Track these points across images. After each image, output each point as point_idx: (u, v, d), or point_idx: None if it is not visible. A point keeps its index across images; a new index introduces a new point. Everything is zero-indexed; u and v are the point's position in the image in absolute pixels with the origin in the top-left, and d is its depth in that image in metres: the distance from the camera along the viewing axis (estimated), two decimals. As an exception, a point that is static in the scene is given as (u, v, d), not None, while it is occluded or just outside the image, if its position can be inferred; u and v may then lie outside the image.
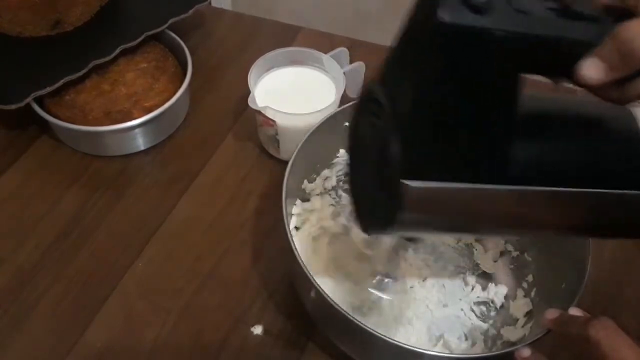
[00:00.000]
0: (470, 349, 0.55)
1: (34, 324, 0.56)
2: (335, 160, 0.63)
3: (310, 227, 0.61)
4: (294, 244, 0.48)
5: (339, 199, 0.65)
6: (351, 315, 0.45)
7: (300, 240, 0.59)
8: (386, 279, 0.59)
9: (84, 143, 0.69)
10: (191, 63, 0.71)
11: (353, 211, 0.41)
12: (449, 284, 0.59)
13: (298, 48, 0.69)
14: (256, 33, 0.85)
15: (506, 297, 0.58)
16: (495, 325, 0.57)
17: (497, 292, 0.58)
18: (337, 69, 0.67)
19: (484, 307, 0.58)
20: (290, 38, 0.83)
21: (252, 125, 0.70)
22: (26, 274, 0.60)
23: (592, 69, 0.31)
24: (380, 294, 0.58)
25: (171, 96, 0.68)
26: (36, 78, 0.64)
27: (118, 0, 0.73)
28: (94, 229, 0.63)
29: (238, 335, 0.56)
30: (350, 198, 0.41)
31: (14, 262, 0.60)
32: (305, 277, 0.47)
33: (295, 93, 0.67)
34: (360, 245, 0.58)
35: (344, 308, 0.50)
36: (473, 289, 0.59)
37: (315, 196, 0.62)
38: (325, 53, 0.67)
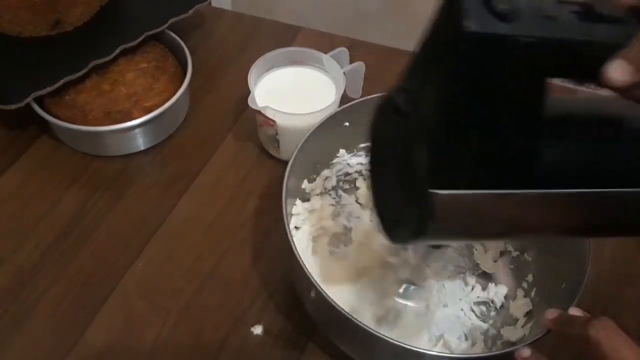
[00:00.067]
0: (470, 349, 0.55)
1: (34, 324, 0.56)
2: (335, 160, 0.63)
3: (310, 227, 0.61)
4: (294, 244, 0.48)
5: (339, 199, 0.65)
6: (351, 315, 0.45)
7: (300, 240, 0.59)
8: (412, 287, 0.58)
9: (84, 143, 0.69)
10: (191, 63, 0.71)
11: (378, 221, 0.40)
12: (449, 284, 0.59)
13: (298, 48, 0.69)
14: (256, 33, 0.85)
15: (506, 297, 0.58)
16: (495, 325, 0.57)
17: (497, 292, 0.58)
18: (337, 69, 0.67)
19: (484, 307, 0.58)
20: (290, 38, 0.83)
21: (252, 125, 0.70)
22: (26, 274, 0.60)
23: (619, 71, 0.31)
24: (406, 302, 0.57)
25: (171, 96, 0.68)
26: (36, 78, 0.64)
27: (118, 0, 0.73)
28: (94, 229, 0.63)
29: (238, 335, 0.56)
30: (374, 208, 0.41)
31: (14, 262, 0.60)
32: (305, 277, 0.47)
33: (295, 93, 0.67)
34: (384, 254, 0.58)
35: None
36: (473, 289, 0.59)
37: (315, 196, 0.62)
38: (325, 53, 0.67)
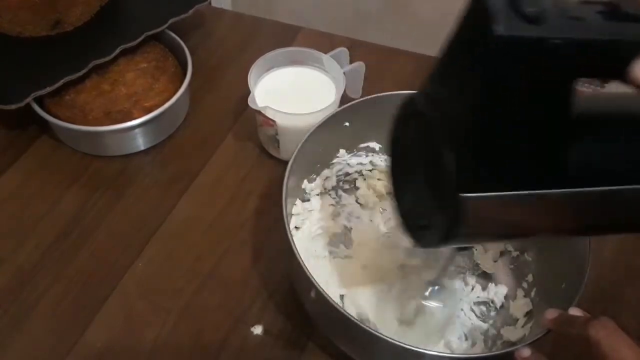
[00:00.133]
0: (470, 349, 0.55)
1: (34, 324, 0.56)
2: (335, 160, 0.63)
3: (310, 227, 0.61)
4: (294, 244, 0.48)
5: (339, 199, 0.65)
6: (351, 315, 0.45)
7: (300, 240, 0.59)
8: (436, 287, 0.58)
9: (84, 143, 0.69)
10: (191, 63, 0.71)
11: (402, 225, 0.40)
12: (449, 284, 0.60)
13: (298, 48, 0.69)
14: (256, 33, 0.85)
15: (506, 297, 0.58)
16: (495, 325, 0.57)
17: (497, 292, 0.58)
18: (337, 69, 0.67)
19: (484, 307, 0.58)
20: (290, 38, 0.83)
21: (252, 125, 0.70)
22: (26, 274, 0.60)
23: None
24: (433, 304, 0.57)
25: (171, 96, 0.68)
26: (36, 78, 0.64)
27: (118, 0, 0.73)
28: (94, 229, 0.63)
29: (238, 335, 0.56)
30: (396, 212, 0.41)
31: (14, 262, 0.60)
32: (305, 277, 0.47)
33: (295, 93, 0.67)
34: (403, 257, 0.58)
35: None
36: (473, 289, 0.59)
37: (315, 196, 0.62)
38: (325, 53, 0.67)
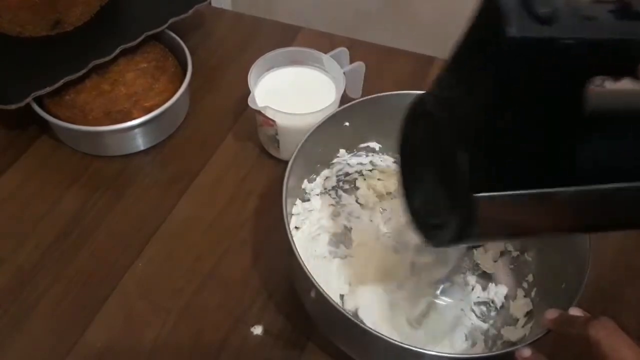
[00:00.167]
0: (470, 349, 0.55)
1: (34, 324, 0.56)
2: (335, 160, 0.63)
3: (310, 227, 0.61)
4: (294, 244, 0.48)
5: (339, 199, 0.65)
6: (351, 315, 0.45)
7: (300, 240, 0.59)
8: (447, 284, 0.58)
9: (84, 143, 0.69)
10: (191, 63, 0.71)
11: (413, 224, 0.40)
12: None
13: (298, 48, 0.69)
14: (256, 33, 0.85)
15: (506, 297, 0.58)
16: (495, 325, 0.57)
17: (497, 292, 0.58)
18: (337, 69, 0.67)
19: (484, 307, 0.58)
20: (290, 38, 0.83)
21: (252, 125, 0.70)
22: (26, 274, 0.60)
23: None
24: (445, 300, 0.57)
25: (171, 96, 0.68)
26: (36, 78, 0.64)
27: (118, 0, 0.73)
28: (94, 229, 0.63)
29: (238, 335, 0.56)
30: (407, 211, 0.41)
31: (14, 262, 0.60)
32: (305, 277, 0.47)
33: (295, 93, 0.67)
34: (415, 257, 0.58)
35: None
36: (473, 289, 0.59)
37: (315, 196, 0.62)
38: (325, 53, 0.67)
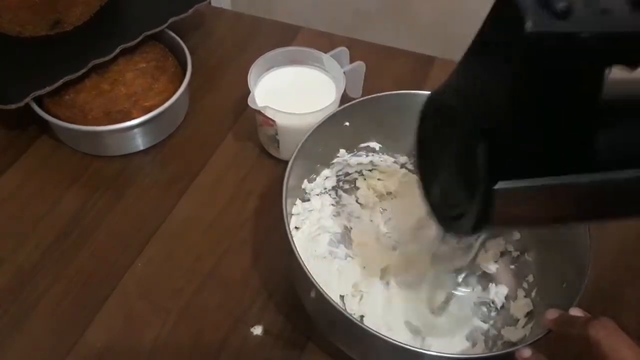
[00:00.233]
0: (470, 349, 0.55)
1: (34, 324, 0.56)
2: (335, 160, 0.62)
3: (310, 227, 0.61)
4: (294, 244, 0.48)
5: (339, 198, 0.65)
6: (351, 315, 0.45)
7: (300, 240, 0.59)
8: (465, 273, 0.58)
9: (84, 143, 0.69)
10: (191, 63, 0.71)
11: (433, 217, 0.41)
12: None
13: (298, 48, 0.69)
14: (256, 33, 0.85)
15: (507, 298, 0.58)
16: (495, 325, 0.57)
17: (498, 293, 0.58)
18: (337, 69, 0.67)
19: (485, 308, 0.58)
20: (290, 38, 0.83)
21: (252, 125, 0.70)
22: (26, 274, 0.60)
23: None
24: (464, 290, 0.58)
25: (171, 96, 0.68)
26: (36, 78, 0.64)
27: (118, 0, 0.73)
28: (94, 229, 0.63)
29: (238, 335, 0.56)
30: (426, 203, 0.41)
31: (14, 262, 0.60)
32: (305, 277, 0.47)
33: (295, 93, 0.67)
34: (435, 248, 0.57)
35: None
36: (474, 289, 0.59)
37: (315, 196, 0.62)
38: (325, 53, 0.67)
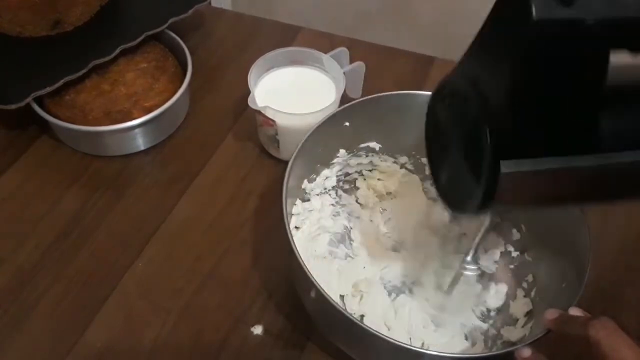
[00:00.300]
0: (470, 348, 0.55)
1: (34, 324, 0.56)
2: (335, 160, 0.62)
3: (310, 227, 0.61)
4: (294, 243, 0.48)
5: (339, 198, 0.65)
6: (351, 315, 0.45)
7: (300, 240, 0.59)
8: (473, 254, 0.58)
9: (84, 143, 0.69)
10: (191, 63, 0.71)
11: (441, 199, 0.42)
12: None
13: (298, 48, 0.69)
14: (256, 33, 0.85)
15: (506, 297, 0.58)
16: (495, 325, 0.57)
17: (498, 292, 0.58)
18: (337, 69, 0.67)
19: (484, 307, 0.58)
20: (290, 38, 0.83)
21: (252, 125, 0.70)
22: (26, 274, 0.60)
23: None
24: (472, 270, 0.57)
25: (171, 96, 0.68)
26: (36, 78, 0.64)
27: (118, 0, 0.73)
28: (94, 229, 0.63)
29: (238, 335, 0.56)
30: (435, 188, 0.43)
31: (14, 262, 0.60)
32: (305, 277, 0.47)
33: (295, 93, 0.67)
34: (444, 231, 0.59)
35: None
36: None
37: (315, 196, 0.62)
38: (325, 53, 0.67)
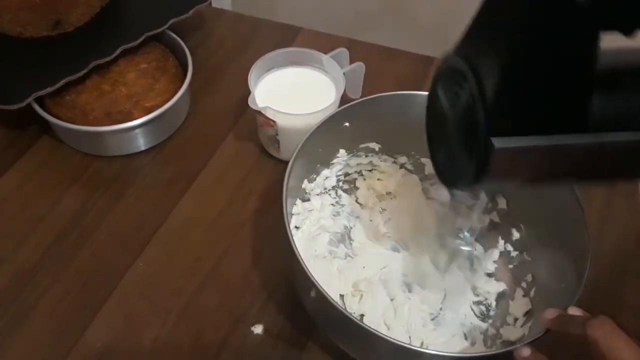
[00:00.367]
0: (469, 348, 0.55)
1: (34, 324, 0.57)
2: (335, 160, 0.63)
3: (310, 227, 0.61)
4: (294, 243, 0.48)
5: (339, 198, 0.65)
6: (351, 315, 0.45)
7: (300, 240, 0.59)
8: (472, 232, 0.59)
9: (85, 143, 0.69)
10: (191, 63, 0.71)
11: (438, 176, 0.43)
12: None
13: (298, 48, 0.69)
14: (256, 33, 0.85)
15: (505, 297, 0.58)
16: (494, 324, 0.57)
17: (497, 291, 0.58)
18: (337, 70, 0.67)
19: (484, 307, 0.59)
20: (290, 38, 0.83)
21: (253, 126, 0.70)
22: (26, 274, 0.60)
23: None
24: (468, 248, 0.59)
25: (171, 96, 0.68)
26: (37, 78, 0.64)
27: (119, 1, 0.73)
28: (94, 229, 0.63)
29: (238, 335, 0.56)
30: (433, 166, 0.43)
31: (14, 262, 0.60)
32: (305, 277, 0.47)
33: (295, 93, 0.67)
34: (443, 206, 0.59)
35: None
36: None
37: (315, 196, 0.62)
38: (325, 53, 0.67)
